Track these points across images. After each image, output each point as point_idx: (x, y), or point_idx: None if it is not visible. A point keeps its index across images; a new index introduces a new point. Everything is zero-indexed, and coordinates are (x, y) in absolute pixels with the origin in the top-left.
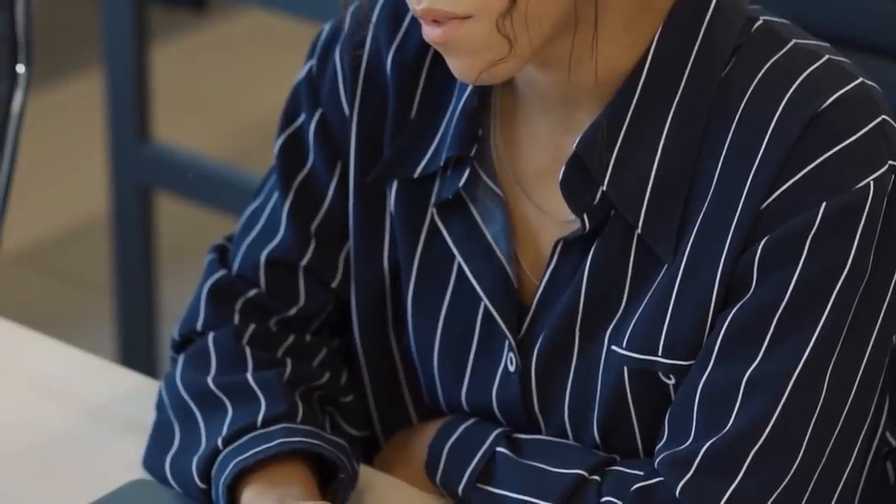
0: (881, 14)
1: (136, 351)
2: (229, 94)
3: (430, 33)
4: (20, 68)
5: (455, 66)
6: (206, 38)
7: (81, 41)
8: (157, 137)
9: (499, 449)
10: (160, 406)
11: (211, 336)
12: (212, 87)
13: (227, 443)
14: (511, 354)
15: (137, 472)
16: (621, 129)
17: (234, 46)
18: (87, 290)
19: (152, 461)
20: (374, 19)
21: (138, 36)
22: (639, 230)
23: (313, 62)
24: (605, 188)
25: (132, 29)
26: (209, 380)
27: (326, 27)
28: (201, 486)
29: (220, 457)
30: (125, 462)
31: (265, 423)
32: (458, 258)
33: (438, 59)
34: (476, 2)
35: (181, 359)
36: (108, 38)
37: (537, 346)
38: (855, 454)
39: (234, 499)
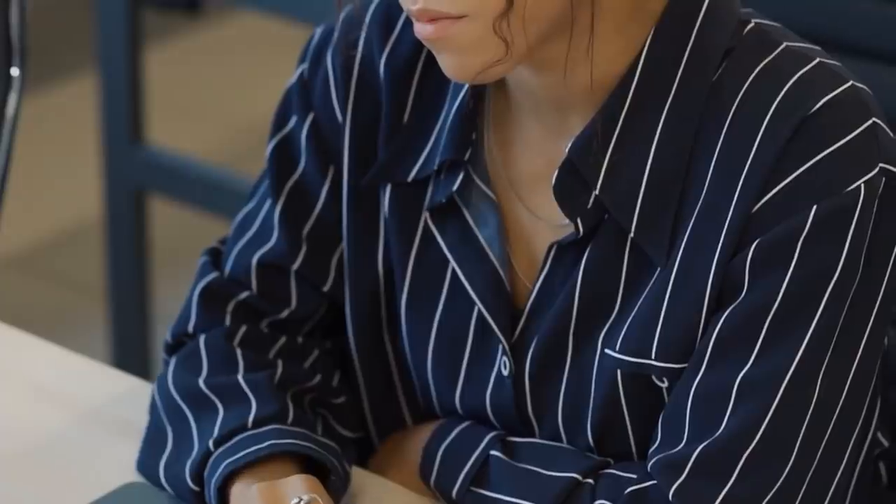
0: (870, 17)
1: (129, 354)
2: (223, 98)
3: (421, 30)
4: (14, 71)
5: (448, 65)
6: (199, 41)
7: (75, 44)
8: (151, 141)
9: (493, 452)
10: (153, 409)
11: (202, 338)
12: (205, 90)
13: (218, 444)
14: (504, 359)
15: (131, 475)
16: (613, 132)
17: (228, 50)
18: (81, 293)
19: (146, 464)
20: (366, 22)
21: (132, 39)
22: (632, 234)
23: (305, 66)
24: (597, 192)
25: (125, 32)
26: (200, 381)
27: (318, 31)
28: (194, 488)
29: (212, 458)
30: (119, 465)
31: (256, 424)
32: (452, 262)
33: (431, 63)
34: (472, 2)
35: (173, 361)
36: (102, 42)
37: (531, 350)
38: (847, 456)
39: (224, 499)
